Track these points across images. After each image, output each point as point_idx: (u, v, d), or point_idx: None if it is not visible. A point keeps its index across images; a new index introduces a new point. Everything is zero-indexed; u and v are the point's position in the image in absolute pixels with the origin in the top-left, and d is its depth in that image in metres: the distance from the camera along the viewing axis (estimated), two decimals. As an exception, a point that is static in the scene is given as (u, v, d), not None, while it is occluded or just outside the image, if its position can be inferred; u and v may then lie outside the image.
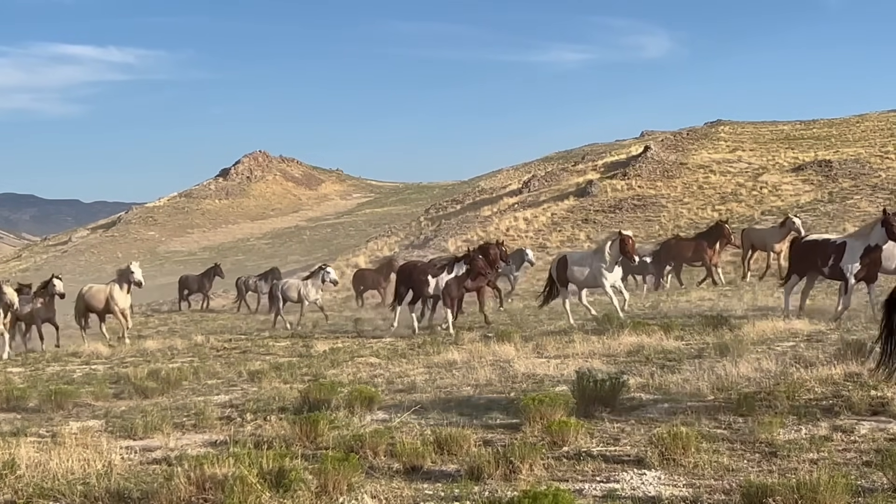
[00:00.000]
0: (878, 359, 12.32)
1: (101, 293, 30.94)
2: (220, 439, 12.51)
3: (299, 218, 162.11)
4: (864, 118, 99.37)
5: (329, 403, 13.69)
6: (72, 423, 14.25)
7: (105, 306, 30.77)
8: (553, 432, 10.80)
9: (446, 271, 26.04)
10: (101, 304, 30.82)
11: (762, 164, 73.49)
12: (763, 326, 19.00)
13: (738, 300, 27.53)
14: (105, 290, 30.93)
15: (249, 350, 24.47)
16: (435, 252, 60.56)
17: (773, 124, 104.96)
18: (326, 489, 9.15)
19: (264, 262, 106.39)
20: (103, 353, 25.78)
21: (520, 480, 9.38)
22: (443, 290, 25.90)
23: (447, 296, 25.80)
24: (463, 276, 25.76)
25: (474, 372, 16.15)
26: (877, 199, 56.78)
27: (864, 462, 9.47)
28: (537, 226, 65.91)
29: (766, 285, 32.41)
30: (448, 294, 25.82)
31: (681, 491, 8.89)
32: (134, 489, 9.67)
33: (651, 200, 66.99)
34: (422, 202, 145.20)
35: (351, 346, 23.08)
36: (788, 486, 8.17)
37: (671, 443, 9.81)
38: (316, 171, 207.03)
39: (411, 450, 10.31)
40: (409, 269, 27.93)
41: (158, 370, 19.43)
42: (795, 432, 10.67)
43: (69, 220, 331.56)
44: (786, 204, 59.32)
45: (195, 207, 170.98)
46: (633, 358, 16.88)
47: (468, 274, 25.67)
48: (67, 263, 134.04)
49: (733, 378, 13.61)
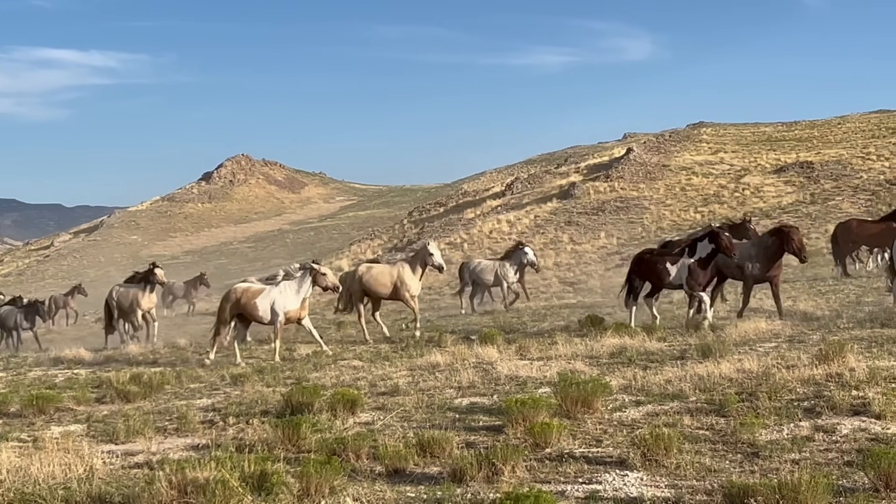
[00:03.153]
0: None
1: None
2: (202, 443, 12.48)
3: (282, 221, 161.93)
4: (846, 120, 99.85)
5: (312, 407, 13.66)
6: (53, 428, 14.21)
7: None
8: (535, 434, 10.80)
9: (686, 254, 22.30)
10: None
11: (744, 166, 73.80)
12: (745, 327, 19.04)
13: (721, 301, 27.56)
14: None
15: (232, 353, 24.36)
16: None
17: (755, 126, 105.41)
18: (309, 492, 9.14)
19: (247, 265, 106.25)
20: (85, 357, 25.66)
21: (502, 482, 9.38)
22: (686, 277, 22.18)
23: (693, 283, 22.03)
24: (708, 257, 21.99)
25: (457, 374, 16.13)
26: (858, 200, 57.10)
27: (845, 462, 9.49)
28: (520, 228, 65.97)
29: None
30: (693, 281, 22.03)
31: (663, 492, 8.90)
32: (115, 493, 9.64)
33: (634, 202, 67.16)
34: (405, 205, 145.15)
35: (334, 349, 23.03)
36: (770, 487, 8.19)
37: (653, 444, 9.82)
38: (299, 174, 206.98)
39: (394, 453, 10.31)
40: (644, 258, 23.96)
41: (140, 374, 19.36)
42: (777, 433, 10.69)
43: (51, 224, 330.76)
44: (768, 205, 59.56)
45: (178, 211, 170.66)
46: (615, 359, 16.89)
47: (714, 255, 21.95)
48: (50, 268, 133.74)
49: (715, 379, 13.63)
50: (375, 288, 26.21)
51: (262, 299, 23.06)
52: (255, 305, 23.04)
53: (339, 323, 30.51)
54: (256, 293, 23.35)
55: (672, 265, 22.44)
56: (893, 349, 15.38)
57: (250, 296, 23.32)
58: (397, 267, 26.66)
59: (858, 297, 25.20)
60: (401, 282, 25.92)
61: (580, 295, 38.87)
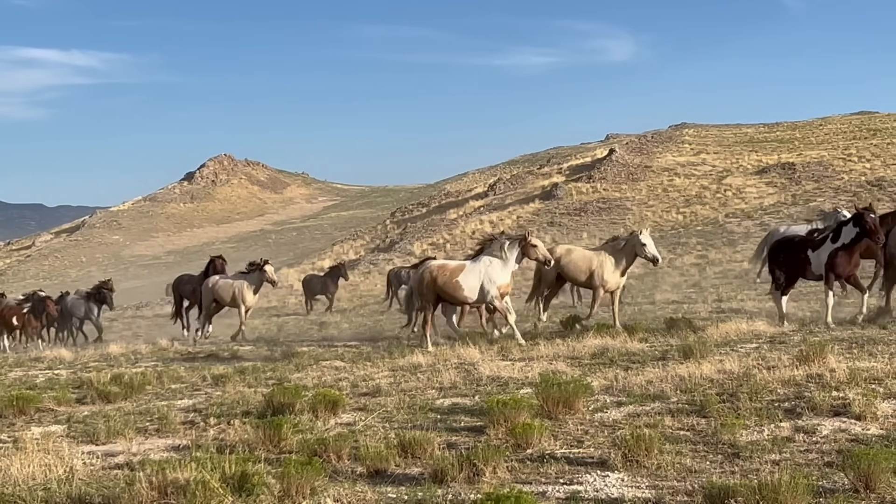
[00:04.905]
0: None
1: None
2: (183, 444, 12.44)
3: (265, 221, 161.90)
4: (827, 121, 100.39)
5: (293, 407, 13.64)
6: (33, 429, 14.14)
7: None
8: (517, 435, 10.80)
9: (830, 240, 20.22)
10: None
11: (726, 167, 74.08)
12: (727, 328, 19.07)
13: (703, 302, 27.65)
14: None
15: (214, 354, 24.33)
16: (401, 255, 60.58)
17: (737, 127, 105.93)
18: (289, 493, 9.12)
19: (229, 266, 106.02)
20: (66, 357, 25.57)
21: (483, 483, 9.38)
22: (826, 265, 20.09)
23: (834, 273, 20.05)
24: (852, 243, 19.93)
25: (439, 375, 16.12)
26: (840, 200, 57.24)
27: (825, 463, 9.51)
28: (503, 229, 65.96)
29: (729, 287, 32.53)
30: (834, 271, 20.03)
31: (643, 492, 8.91)
32: (95, 494, 9.61)
33: (616, 203, 67.36)
34: (388, 205, 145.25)
35: (315, 349, 22.99)
36: (750, 487, 8.21)
37: (634, 444, 9.83)
38: (281, 174, 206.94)
39: (375, 453, 10.29)
40: (783, 245, 21.81)
41: (122, 375, 19.28)
42: (758, 433, 10.71)
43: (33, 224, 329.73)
44: (749, 206, 59.75)
45: (160, 211, 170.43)
46: (597, 360, 16.89)
47: (858, 240, 19.85)
48: (31, 268, 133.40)
49: (696, 380, 13.65)
50: (574, 274, 23.37)
51: (466, 276, 20.99)
52: (457, 284, 20.98)
53: (321, 323, 30.42)
54: (456, 270, 21.23)
55: (813, 251, 20.39)
56: (874, 350, 15.43)
57: (449, 274, 21.15)
58: (600, 254, 23.27)
59: (839, 298, 25.26)
60: (601, 270, 22.74)
61: (562, 295, 38.88)
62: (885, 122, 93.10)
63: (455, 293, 21.03)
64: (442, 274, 21.07)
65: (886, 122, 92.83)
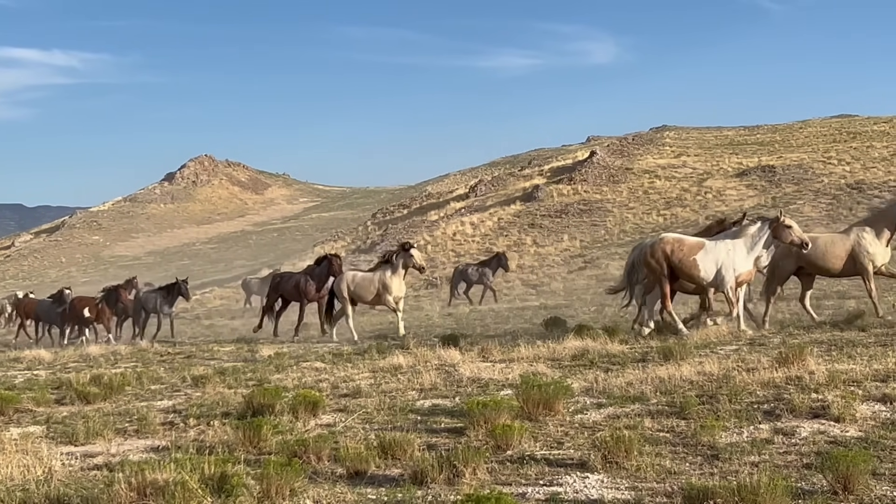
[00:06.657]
0: None
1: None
2: (162, 445, 12.41)
3: (245, 222, 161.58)
4: (807, 124, 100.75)
5: (273, 408, 13.62)
6: (12, 430, 14.07)
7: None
8: (497, 436, 10.80)
9: None
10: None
11: (706, 170, 74.25)
12: (707, 331, 19.11)
13: (683, 304, 27.69)
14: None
15: (194, 355, 24.28)
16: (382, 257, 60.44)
17: (718, 130, 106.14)
18: (269, 494, 9.10)
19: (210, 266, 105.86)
20: (45, 358, 25.49)
21: (463, 484, 9.37)
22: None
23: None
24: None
25: (419, 376, 16.11)
26: (819, 204, 57.51)
27: (804, 465, 9.53)
28: (484, 230, 66.13)
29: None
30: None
31: (623, 494, 8.92)
32: (74, 495, 9.57)
33: (597, 205, 67.45)
34: (369, 207, 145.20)
35: (296, 350, 22.97)
36: (729, 489, 8.23)
37: (614, 446, 9.84)
38: (262, 175, 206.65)
39: (355, 454, 10.28)
40: None
41: (101, 375, 19.22)
42: (737, 435, 10.74)
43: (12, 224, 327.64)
44: (730, 209, 59.86)
45: (140, 212, 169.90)
46: (577, 362, 16.92)
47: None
48: (10, 268, 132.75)
49: (676, 381, 13.69)
50: (823, 263, 20.54)
51: (703, 256, 19.21)
52: (693, 263, 19.22)
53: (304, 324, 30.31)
54: (695, 247, 19.38)
55: None
56: (853, 352, 15.48)
57: (687, 251, 19.39)
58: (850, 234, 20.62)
59: (818, 300, 25.36)
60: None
61: (543, 297, 38.97)
62: (864, 125, 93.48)
63: (691, 271, 19.43)
64: (679, 248, 19.45)
65: (866, 125, 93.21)
